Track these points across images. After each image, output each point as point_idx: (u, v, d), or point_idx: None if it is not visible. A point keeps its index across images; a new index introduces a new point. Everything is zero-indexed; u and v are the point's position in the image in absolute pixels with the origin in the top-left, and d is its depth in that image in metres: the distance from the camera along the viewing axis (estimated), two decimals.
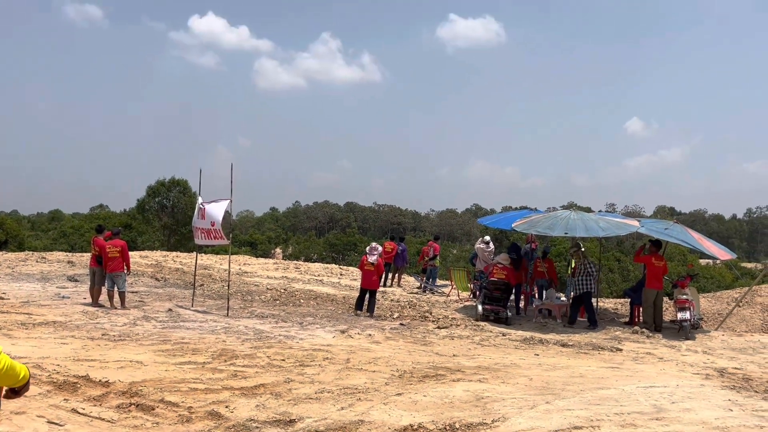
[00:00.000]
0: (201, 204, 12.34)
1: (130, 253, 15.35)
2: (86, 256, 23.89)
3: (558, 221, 12.64)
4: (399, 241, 19.75)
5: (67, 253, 26.33)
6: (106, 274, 12.08)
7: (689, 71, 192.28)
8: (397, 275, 19.52)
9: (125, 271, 12.23)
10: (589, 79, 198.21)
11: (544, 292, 14.41)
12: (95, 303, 12.16)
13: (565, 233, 12.37)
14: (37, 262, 20.53)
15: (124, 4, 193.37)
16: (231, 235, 12.25)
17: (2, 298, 12.11)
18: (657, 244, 12.88)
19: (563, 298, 14.75)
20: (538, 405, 6.61)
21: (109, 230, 13.11)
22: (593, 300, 13.56)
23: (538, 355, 9.69)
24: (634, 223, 13.40)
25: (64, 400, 5.96)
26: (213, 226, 11.92)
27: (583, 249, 13.40)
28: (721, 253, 13.37)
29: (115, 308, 11.86)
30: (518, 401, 6.74)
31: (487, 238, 16.54)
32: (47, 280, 15.82)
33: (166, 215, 49.94)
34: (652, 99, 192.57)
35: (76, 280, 15.88)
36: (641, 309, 13.03)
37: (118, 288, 12.02)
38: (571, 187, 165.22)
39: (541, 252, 15.10)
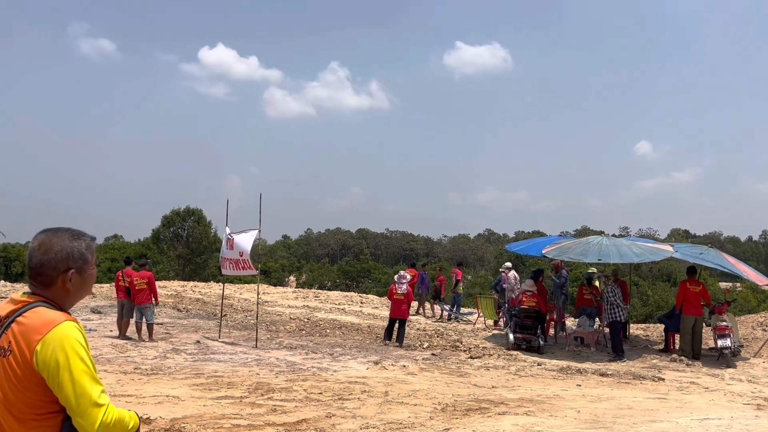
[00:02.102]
0: (229, 234, 12.27)
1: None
2: (106, 287, 23.84)
3: (590, 247, 12.44)
4: (413, 266, 19.58)
5: None
6: (134, 306, 11.98)
7: (698, 92, 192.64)
8: (423, 303, 19.27)
9: (153, 303, 12.12)
10: (596, 103, 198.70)
11: (584, 319, 13.96)
12: (123, 335, 12.04)
13: (599, 260, 12.15)
14: None
15: (136, 37, 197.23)
16: (259, 266, 12.14)
17: None
18: (692, 269, 12.61)
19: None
20: None
21: (132, 260, 13.07)
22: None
23: (579, 385, 9.43)
24: (667, 248, 13.16)
25: None
26: (242, 256, 11.82)
27: (603, 277, 13.17)
28: (758, 278, 13.09)
29: (144, 340, 11.72)
30: None
31: (508, 264, 16.38)
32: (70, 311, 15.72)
33: (181, 245, 50.04)
34: (662, 121, 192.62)
35: (100, 312, 15.79)
36: (679, 336, 12.71)
37: (146, 320, 11.90)
38: (583, 210, 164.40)
39: (586, 279, 14.69)
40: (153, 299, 12.11)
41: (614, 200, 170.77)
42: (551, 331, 14.70)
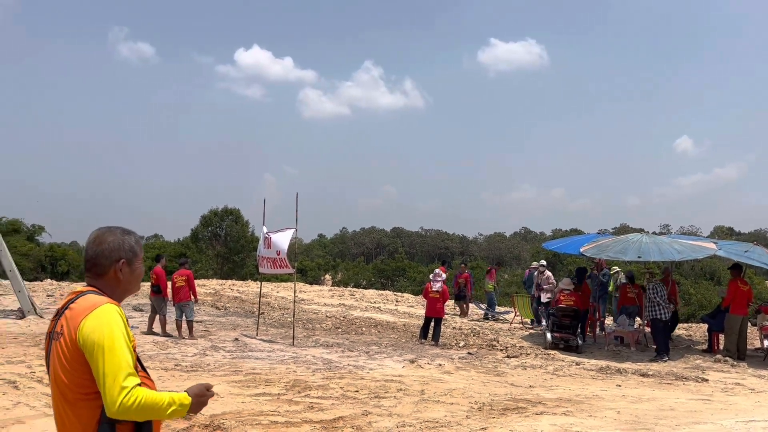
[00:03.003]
0: (266, 233, 12.42)
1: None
2: (146, 285, 24.36)
3: (630, 245, 12.19)
4: (449, 266, 19.43)
5: None
6: (174, 304, 12.24)
7: (740, 86, 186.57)
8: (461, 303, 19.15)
9: (192, 300, 12.35)
10: (635, 98, 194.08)
11: (623, 318, 13.66)
12: (149, 331, 12.33)
13: (639, 257, 11.90)
14: None
15: (174, 40, 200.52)
16: (296, 264, 12.26)
17: None
18: (737, 267, 12.26)
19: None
20: None
21: (163, 257, 13.57)
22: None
23: (619, 386, 9.26)
24: (711, 245, 12.81)
25: None
26: (279, 255, 11.95)
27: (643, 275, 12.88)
28: None
29: (184, 338, 11.96)
30: None
31: (543, 261, 16.20)
32: None
33: (219, 244, 50.82)
34: (703, 116, 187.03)
35: (141, 310, 16.15)
36: (724, 336, 12.37)
37: (186, 317, 12.14)
38: (621, 207, 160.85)
39: (627, 277, 14.39)
40: (192, 296, 12.35)
41: (653, 197, 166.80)
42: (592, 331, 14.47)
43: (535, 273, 16.14)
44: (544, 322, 15.24)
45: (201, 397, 2.26)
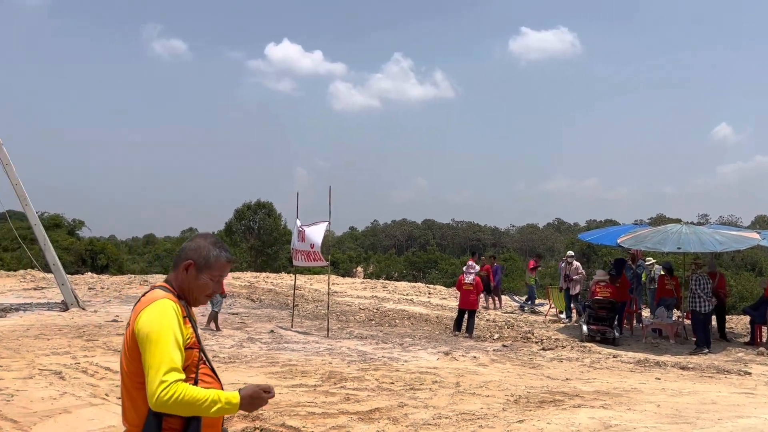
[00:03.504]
0: (300, 227, 12.52)
1: None
2: None
3: (669, 236, 11.94)
4: (479, 257, 19.23)
5: (165, 275, 27.46)
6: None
7: None
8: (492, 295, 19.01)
9: (223, 293, 12.54)
10: (671, 86, 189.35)
11: (662, 310, 13.38)
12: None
13: (678, 248, 11.65)
14: (140, 284, 21.48)
15: (206, 36, 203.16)
16: (329, 257, 12.34)
17: (117, 321, 12.68)
18: None
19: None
20: None
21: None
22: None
23: (659, 379, 9.11)
24: (753, 236, 12.48)
25: None
26: (312, 248, 12.04)
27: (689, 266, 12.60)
28: None
29: (220, 330, 12.13)
30: (652, 430, 6.30)
31: (571, 252, 15.95)
32: None
33: (252, 237, 51.45)
34: (743, 102, 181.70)
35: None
36: (767, 328, 12.05)
37: (212, 308, 12.20)
38: (658, 197, 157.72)
39: (665, 269, 14.09)
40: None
41: (691, 187, 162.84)
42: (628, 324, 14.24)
43: (563, 264, 15.93)
44: (574, 315, 15.05)
45: (255, 398, 2.26)
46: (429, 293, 22.75)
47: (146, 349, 2.14)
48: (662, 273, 13.67)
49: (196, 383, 2.25)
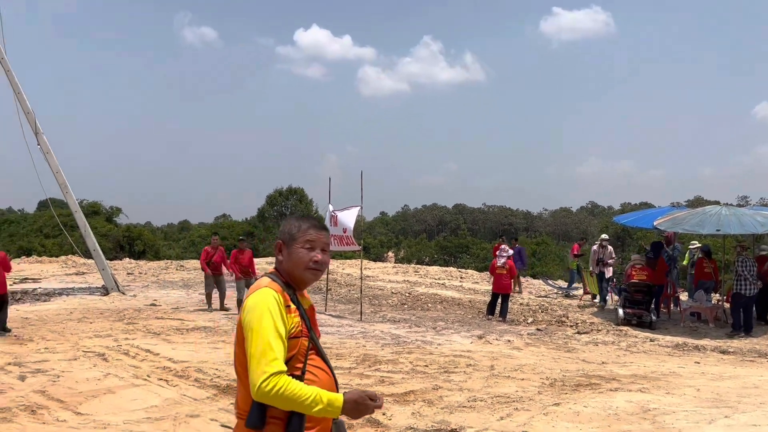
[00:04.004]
0: (332, 211, 12.59)
1: (256, 260, 15.92)
2: None
3: (708, 218, 11.66)
4: (508, 241, 18.95)
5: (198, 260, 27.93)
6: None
7: None
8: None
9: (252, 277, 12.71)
10: (708, 65, 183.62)
11: (701, 294, 13.06)
12: (210, 307, 12.79)
13: (717, 230, 11.38)
14: (176, 270, 21.93)
15: (235, 23, 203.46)
16: (361, 242, 12.39)
17: (155, 305, 12.98)
18: None
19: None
20: (716, 419, 6.05)
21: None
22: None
23: (698, 363, 8.96)
24: None
25: (231, 403, 6.18)
26: (345, 233, 12.11)
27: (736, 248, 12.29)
28: None
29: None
30: (692, 414, 6.20)
31: (605, 236, 15.57)
32: (189, 287, 16.80)
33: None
34: None
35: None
36: None
37: (238, 295, 12.48)
38: (694, 179, 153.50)
39: (703, 251, 13.78)
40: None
41: (730, 168, 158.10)
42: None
43: (594, 248, 15.53)
44: (610, 299, 14.83)
45: (360, 404, 2.15)
46: (461, 278, 22.68)
47: (247, 338, 2.12)
48: (700, 256, 13.38)
49: (302, 374, 2.19)
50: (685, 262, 15.24)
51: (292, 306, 2.24)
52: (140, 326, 10.43)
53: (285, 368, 2.09)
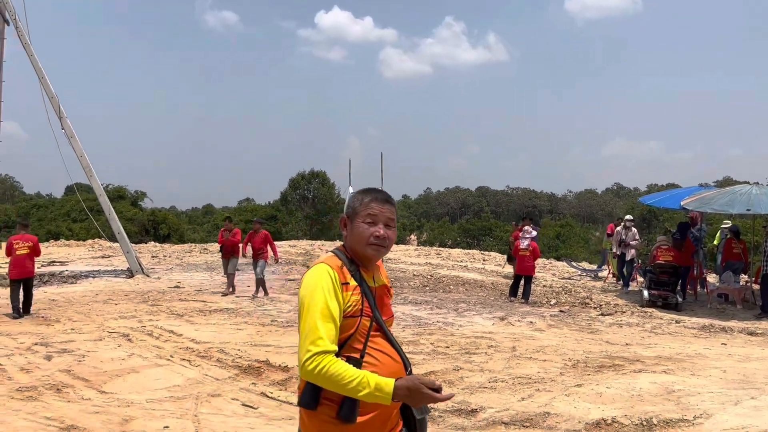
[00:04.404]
0: (352, 193, 12.55)
1: (279, 243, 16.00)
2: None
3: (737, 197, 11.36)
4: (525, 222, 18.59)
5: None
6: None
7: None
8: None
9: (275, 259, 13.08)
10: (739, 41, 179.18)
11: (729, 275, 12.73)
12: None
13: (747, 210, 11.09)
14: (200, 253, 22.17)
15: (256, 6, 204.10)
16: None
17: (179, 287, 13.13)
18: None
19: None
20: (742, 401, 5.93)
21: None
22: None
23: (725, 344, 8.79)
24: None
25: (252, 383, 6.23)
26: None
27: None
28: None
29: (267, 295, 12.38)
30: (717, 396, 6.09)
31: (629, 216, 15.21)
32: (212, 269, 16.98)
33: (307, 206, 52.14)
34: None
35: (238, 269, 16.88)
36: None
37: (256, 275, 12.55)
38: (724, 160, 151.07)
39: (731, 231, 13.42)
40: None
41: (760, 148, 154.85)
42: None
43: (618, 228, 15.12)
44: (636, 280, 14.60)
45: (414, 391, 1.99)
46: (483, 260, 22.58)
47: (300, 315, 2.08)
48: (729, 236, 13.07)
49: (361, 357, 2.08)
50: (715, 243, 14.86)
51: (351, 283, 2.14)
52: (164, 308, 10.57)
53: (333, 348, 2.01)
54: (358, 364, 2.05)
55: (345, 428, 2.04)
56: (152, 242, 29.75)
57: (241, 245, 13.03)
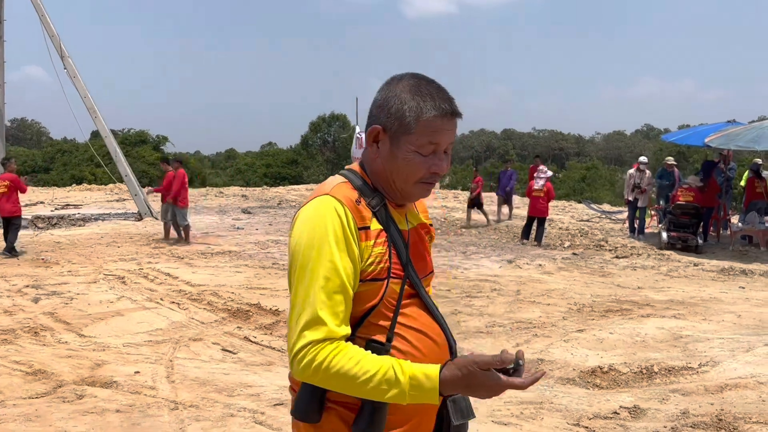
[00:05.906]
0: (359, 133, 12.12)
1: (298, 186, 15.53)
2: (258, 191, 25.37)
3: (765, 132, 10.66)
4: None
5: (242, 188, 28.15)
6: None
7: None
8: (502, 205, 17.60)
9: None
10: None
11: (753, 215, 12.00)
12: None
13: None
14: (216, 196, 22.09)
15: None
16: None
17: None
18: None
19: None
20: (755, 347, 5.56)
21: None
22: None
23: (743, 288, 8.35)
24: None
25: (238, 327, 6.04)
26: None
27: None
28: None
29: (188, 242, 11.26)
30: (728, 342, 5.73)
31: (644, 158, 13.63)
32: (224, 212, 16.84)
33: (328, 150, 51.76)
34: None
35: (250, 212, 16.75)
36: None
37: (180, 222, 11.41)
38: (760, 98, 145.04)
39: (752, 170, 12.62)
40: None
41: None
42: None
43: (631, 171, 13.50)
44: (651, 224, 13.83)
45: (472, 379, 1.28)
46: None
47: (291, 278, 1.37)
48: (751, 175, 12.32)
49: (389, 341, 1.38)
50: (742, 183, 14.02)
51: (374, 227, 1.39)
52: (166, 250, 10.44)
53: (343, 331, 1.33)
54: (383, 351, 1.36)
55: None
56: None
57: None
